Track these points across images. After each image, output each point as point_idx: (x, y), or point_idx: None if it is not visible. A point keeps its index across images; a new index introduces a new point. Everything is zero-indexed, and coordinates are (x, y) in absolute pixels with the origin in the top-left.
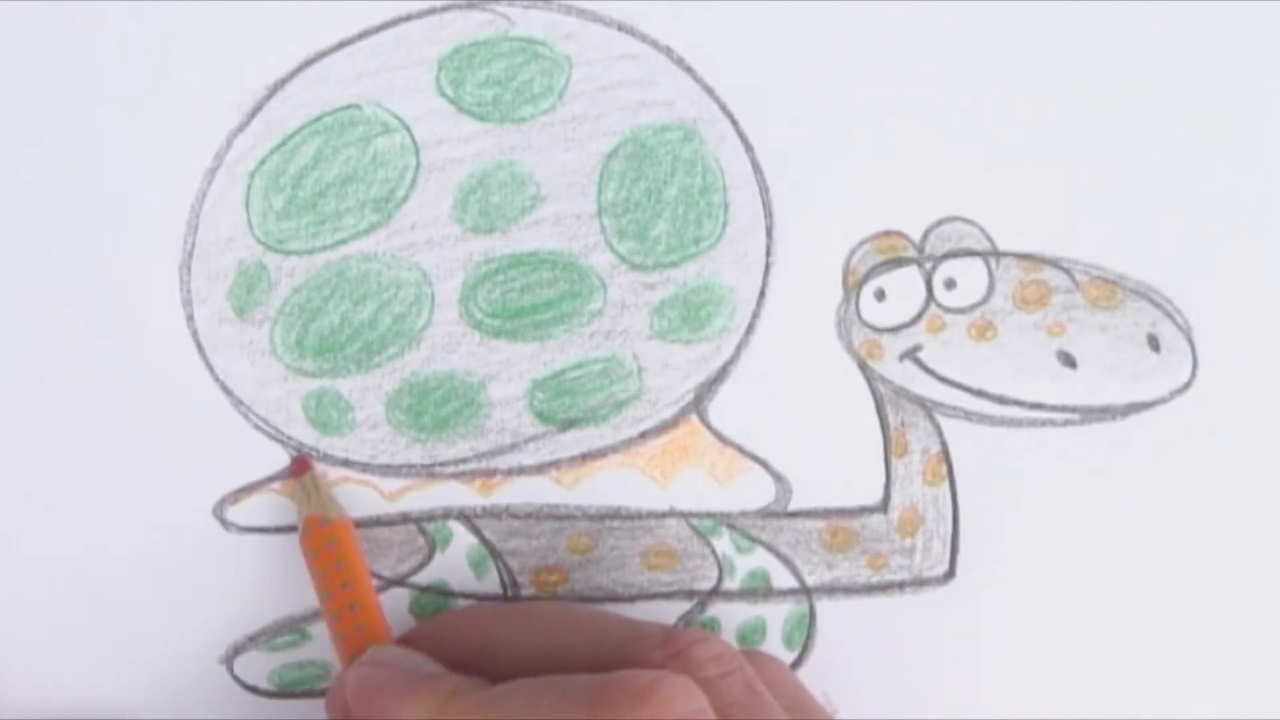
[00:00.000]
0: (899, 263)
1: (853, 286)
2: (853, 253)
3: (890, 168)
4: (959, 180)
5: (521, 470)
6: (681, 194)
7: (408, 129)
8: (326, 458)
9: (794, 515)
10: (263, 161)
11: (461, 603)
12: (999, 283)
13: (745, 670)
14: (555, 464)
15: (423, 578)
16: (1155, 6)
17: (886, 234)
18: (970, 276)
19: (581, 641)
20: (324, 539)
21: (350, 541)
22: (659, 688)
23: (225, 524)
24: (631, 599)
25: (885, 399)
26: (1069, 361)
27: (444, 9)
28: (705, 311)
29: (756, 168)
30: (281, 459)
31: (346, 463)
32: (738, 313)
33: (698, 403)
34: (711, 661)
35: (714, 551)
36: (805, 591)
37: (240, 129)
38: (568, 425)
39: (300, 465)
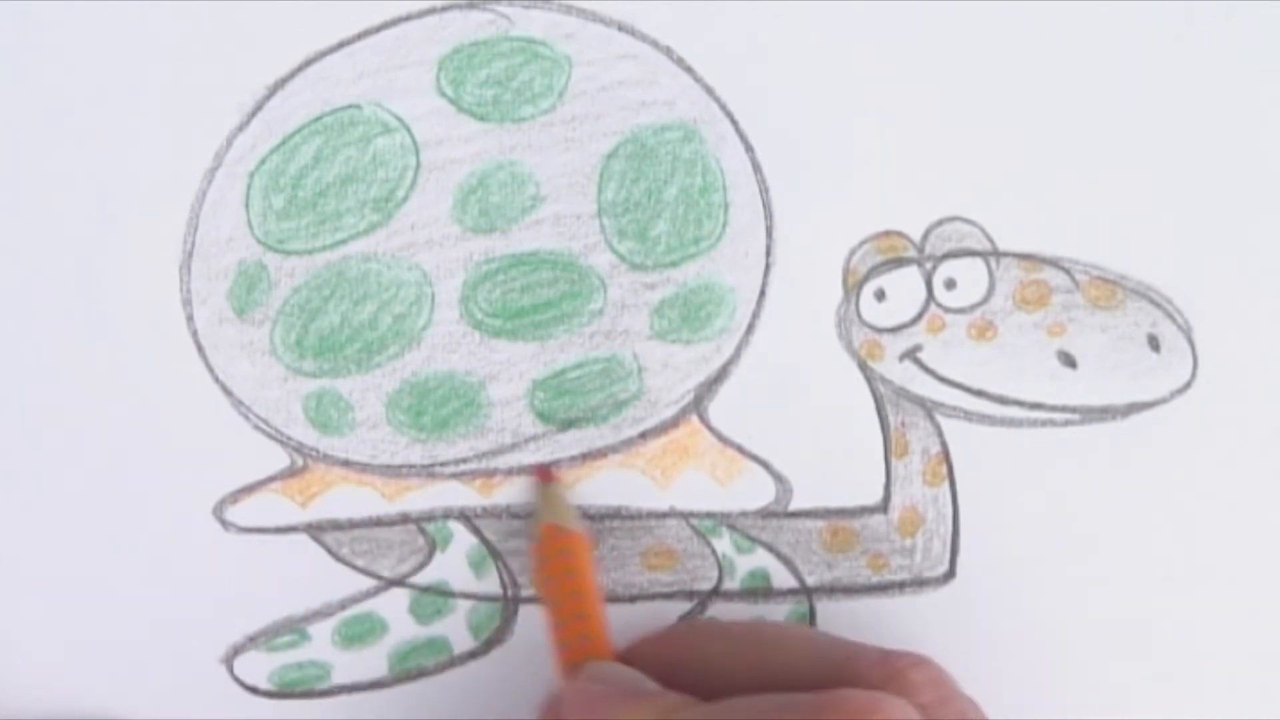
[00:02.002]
0: (899, 263)
1: (853, 286)
2: (853, 253)
3: (890, 168)
4: (959, 180)
5: (521, 470)
6: (681, 194)
7: (408, 129)
8: (326, 458)
9: (794, 515)
10: (263, 161)
11: (463, 603)
12: (999, 283)
13: (960, 699)
14: (555, 464)
15: (423, 578)
16: (1156, 6)
17: (886, 234)
18: (970, 276)
19: (796, 659)
20: (558, 548)
21: (584, 555)
22: (878, 707)
23: (225, 524)
24: (631, 599)
25: (885, 399)
26: (1069, 361)
27: (444, 9)
28: (705, 311)
29: (756, 168)
30: (281, 459)
31: (346, 463)
32: (738, 313)
33: (698, 403)
34: (928, 686)
35: (714, 552)
36: (805, 592)
37: (240, 129)
38: (568, 425)
39: (544, 474)
